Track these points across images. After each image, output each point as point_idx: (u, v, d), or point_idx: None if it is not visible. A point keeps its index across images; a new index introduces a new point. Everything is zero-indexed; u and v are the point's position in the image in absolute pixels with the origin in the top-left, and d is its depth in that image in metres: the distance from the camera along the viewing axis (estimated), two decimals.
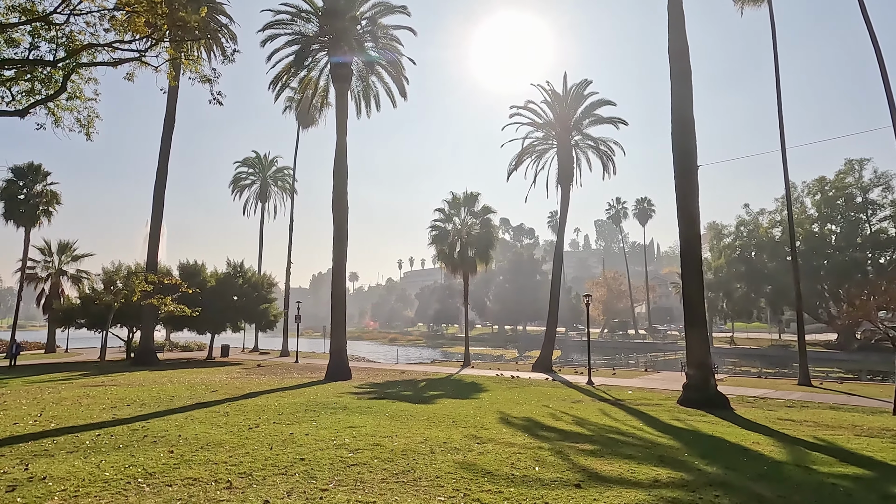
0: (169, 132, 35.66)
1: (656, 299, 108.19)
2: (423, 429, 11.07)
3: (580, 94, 37.14)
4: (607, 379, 28.40)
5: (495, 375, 28.85)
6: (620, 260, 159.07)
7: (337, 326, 25.40)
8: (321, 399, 16.02)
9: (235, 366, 33.82)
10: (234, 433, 10.01)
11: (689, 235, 18.81)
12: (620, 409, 16.91)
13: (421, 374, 30.21)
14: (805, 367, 26.90)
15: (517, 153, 38.58)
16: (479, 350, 72.40)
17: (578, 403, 18.03)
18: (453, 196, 40.69)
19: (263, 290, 40.75)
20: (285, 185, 55.42)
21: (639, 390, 23.30)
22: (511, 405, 16.83)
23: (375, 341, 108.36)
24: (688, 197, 18.91)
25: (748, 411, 17.02)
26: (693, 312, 18.52)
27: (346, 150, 26.28)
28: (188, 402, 14.81)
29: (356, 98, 28.62)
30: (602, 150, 37.37)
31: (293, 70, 25.89)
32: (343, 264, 25.75)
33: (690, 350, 18.29)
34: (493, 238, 40.36)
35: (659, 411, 16.38)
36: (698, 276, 18.70)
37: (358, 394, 18.69)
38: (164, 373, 26.92)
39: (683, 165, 19.10)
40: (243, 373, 28.31)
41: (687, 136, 19.10)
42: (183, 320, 37.92)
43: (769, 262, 64.23)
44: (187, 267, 39.81)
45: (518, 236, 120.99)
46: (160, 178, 35.16)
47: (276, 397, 16.49)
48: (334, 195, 25.83)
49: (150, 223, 35.09)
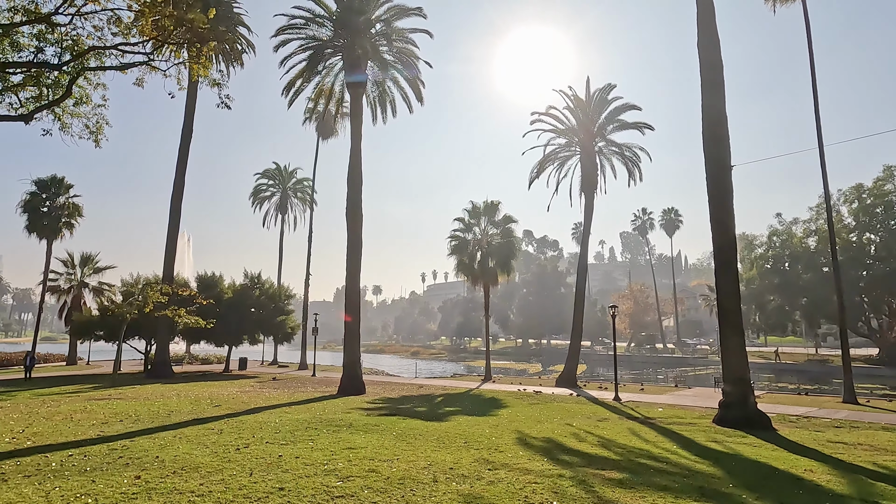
0: (186, 144, 35.53)
1: (685, 312, 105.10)
2: (431, 451, 9.98)
3: (604, 98, 35.91)
4: (635, 395, 26.86)
5: (517, 391, 27.55)
6: (646, 273, 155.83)
7: (351, 339, 24.47)
8: (327, 415, 15.03)
9: (251, 379, 33.14)
10: (219, 455, 9.07)
11: (724, 241, 17.43)
12: (651, 428, 15.54)
13: (439, 388, 29.07)
14: (850, 384, 25.03)
15: (539, 160, 37.45)
16: (501, 364, 70.82)
17: (604, 422, 16.71)
18: (473, 205, 39.69)
19: (281, 301, 40.14)
20: (305, 197, 55.18)
21: (669, 407, 21.79)
22: (531, 423, 15.60)
23: (397, 355, 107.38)
24: (721, 199, 17.57)
25: (793, 432, 15.50)
26: (729, 323, 17.08)
27: (360, 157, 25.53)
28: (185, 418, 13.97)
29: (371, 104, 27.92)
30: (627, 156, 35.99)
31: (306, 75, 25.31)
32: (357, 274, 24.88)
33: (727, 364, 16.84)
34: (515, 248, 39.17)
35: (694, 431, 14.98)
36: (734, 283, 17.29)
37: (368, 409, 17.66)
38: (176, 386, 26.29)
39: (716, 166, 17.80)
40: (256, 386, 27.55)
41: (720, 143, 17.83)
42: (200, 332, 37.48)
43: (804, 274, 61.49)
44: (205, 278, 39.49)
45: (542, 248, 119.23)
46: (177, 189, 34.97)
47: (280, 413, 15.56)
48: (348, 203, 25.04)
49: (167, 234, 34.86)
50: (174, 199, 34.88)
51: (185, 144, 35.46)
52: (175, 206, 34.77)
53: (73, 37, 16.44)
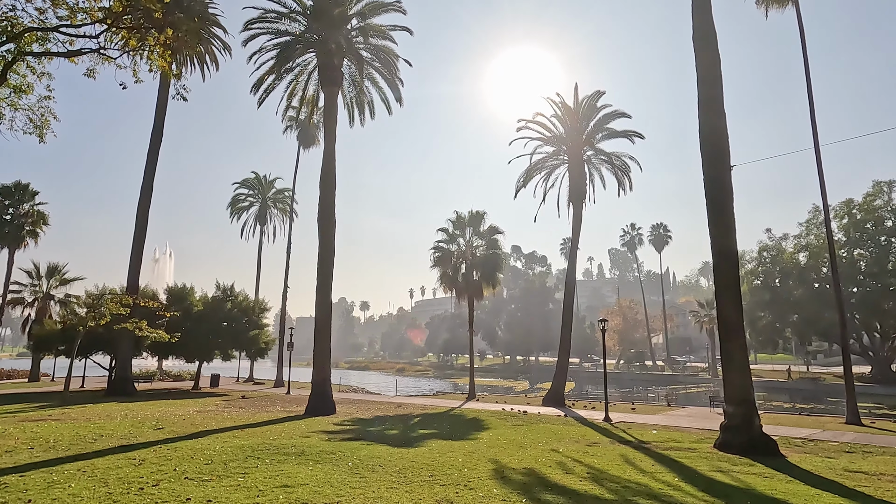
0: (156, 147, 33.73)
1: (673, 329, 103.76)
2: (385, 489, 8.23)
3: (593, 105, 34.71)
4: (626, 415, 25.19)
5: (501, 410, 25.77)
6: (635, 289, 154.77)
7: (320, 354, 22.59)
8: (280, 440, 13.20)
9: (219, 397, 31.05)
10: (112, 497, 7.28)
11: (725, 247, 15.95)
12: (646, 454, 13.87)
13: (419, 407, 27.20)
14: (854, 405, 23.57)
15: (526, 169, 36.05)
16: (487, 381, 68.82)
17: (595, 447, 15.00)
18: (458, 215, 38.16)
19: (254, 315, 38.08)
20: (285, 208, 53.33)
21: (664, 429, 20.12)
22: (512, 449, 13.86)
23: (383, 371, 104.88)
24: (721, 202, 16.14)
25: (803, 458, 13.89)
26: (731, 339, 15.52)
27: (334, 159, 23.90)
28: (111, 444, 12.08)
29: (348, 105, 26.38)
30: (616, 165, 34.70)
31: (277, 71, 23.69)
32: (329, 284, 23.11)
33: (729, 384, 15.24)
34: (501, 260, 37.61)
35: (694, 459, 13.32)
36: (735, 295, 15.78)
37: (332, 433, 15.82)
38: (132, 405, 24.22)
39: (714, 165, 16.40)
40: (220, 405, 25.53)
41: (717, 138, 16.46)
42: (168, 347, 35.39)
43: (795, 290, 60.48)
44: (175, 290, 37.41)
45: (530, 264, 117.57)
46: (145, 195, 33.08)
47: (227, 438, 13.69)
48: (321, 207, 23.34)
49: (133, 242, 32.90)
50: (141, 205, 32.97)
51: (155, 147, 33.66)
52: (142, 212, 32.86)
53: (10, 18, 14.79)
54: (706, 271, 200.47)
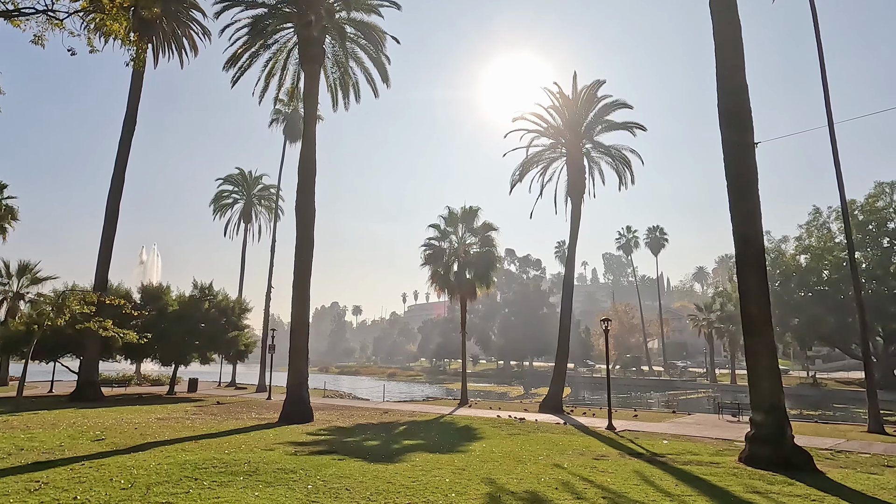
0: (128, 136, 31.67)
1: (669, 334, 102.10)
2: None
3: (592, 96, 32.88)
4: (629, 422, 23.27)
5: (495, 417, 23.80)
6: (629, 294, 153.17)
7: (296, 356, 20.51)
8: (234, 455, 11.18)
9: (193, 402, 28.90)
10: None
11: (748, 234, 14.09)
12: (664, 470, 11.94)
13: (406, 414, 25.17)
14: (877, 412, 21.86)
15: (521, 162, 34.17)
16: (481, 387, 66.75)
17: (603, 461, 13.06)
18: (450, 211, 36.16)
19: (234, 315, 35.93)
20: (271, 205, 51.19)
21: (674, 438, 18.22)
22: (509, 465, 11.90)
23: (374, 376, 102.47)
24: (743, 184, 14.30)
25: (845, 475, 12.01)
26: (756, 336, 13.65)
27: (314, 144, 21.94)
28: (24, 461, 10.07)
29: (332, 86, 24.44)
30: (617, 157, 32.89)
31: (250, 46, 21.72)
32: (307, 278, 21.07)
33: (757, 388, 13.33)
34: (495, 258, 35.61)
35: (722, 476, 11.41)
36: (761, 286, 13.91)
37: (301, 444, 13.79)
38: (88, 412, 22.06)
39: (736, 142, 14.57)
40: (189, 412, 23.40)
41: (739, 111, 14.65)
42: (142, 350, 33.25)
43: (796, 293, 58.92)
44: (149, 289, 35.28)
45: (524, 267, 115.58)
46: (115, 187, 31.02)
47: (172, 452, 11.65)
48: (299, 196, 21.36)
49: (101, 236, 30.77)
50: (111, 197, 30.89)
51: (127, 137, 31.60)
52: (112, 204, 30.77)
53: None
54: (700, 276, 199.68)
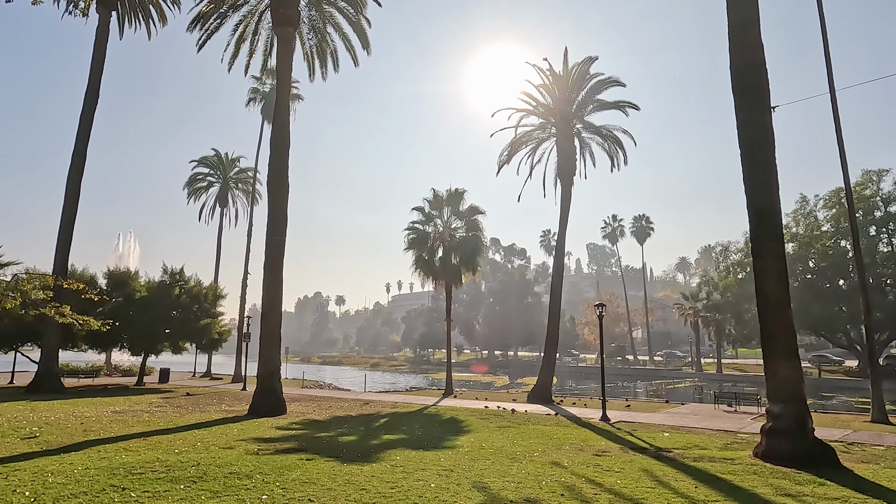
0: (91, 110, 29.54)
1: (653, 324, 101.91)
2: None
3: (584, 72, 31.40)
4: (623, 413, 22.09)
5: (483, 408, 22.46)
6: (613, 284, 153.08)
7: (267, 342, 18.85)
8: (184, 456, 9.61)
9: (160, 394, 27.13)
10: None
11: (764, 205, 12.77)
12: (677, 469, 10.63)
13: (388, 405, 23.73)
14: (881, 401, 20.83)
15: (509, 142, 32.65)
16: (466, 376, 65.54)
17: (606, 458, 11.73)
18: (435, 194, 34.58)
19: (207, 302, 34.05)
20: (248, 188, 49.05)
21: (674, 430, 17.01)
22: (503, 464, 10.50)
23: (357, 367, 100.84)
24: (758, 151, 12.96)
25: (871, 471, 10.81)
26: (774, 317, 12.39)
27: (288, 114, 20.27)
28: None
29: (308, 54, 22.67)
30: (608, 137, 31.51)
31: (219, 6, 19.83)
32: (280, 259, 19.40)
33: (773, 375, 12.06)
34: (481, 243, 34.16)
35: (740, 474, 10.12)
36: (778, 261, 12.63)
37: (268, 441, 12.25)
38: (39, 405, 20.28)
39: (750, 105, 13.22)
40: (154, 404, 21.70)
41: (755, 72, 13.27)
42: (107, 338, 31.30)
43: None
44: (116, 274, 33.20)
45: (509, 257, 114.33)
46: (76, 163, 28.90)
47: (111, 451, 10.05)
48: (271, 169, 19.62)
49: (62, 216, 28.70)
50: (72, 174, 28.78)
51: (89, 110, 29.46)
52: (73, 182, 28.69)
53: None
54: (683, 266, 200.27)
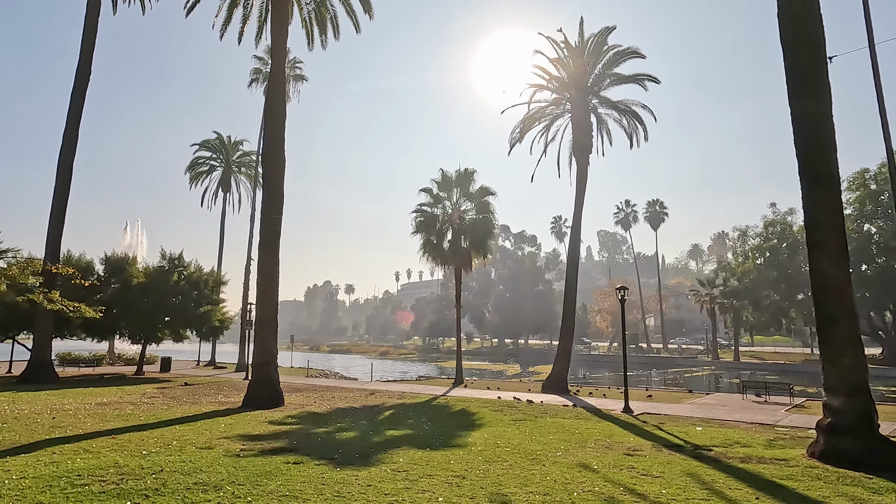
0: (82, 86, 28.21)
1: (667, 311, 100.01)
2: None
3: (601, 43, 29.56)
4: (645, 404, 20.63)
5: (495, 399, 21.04)
6: (625, 271, 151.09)
7: (263, 329, 17.51)
8: (153, 459, 8.26)
9: (157, 384, 25.98)
10: None
11: (821, 173, 11.13)
12: (723, 472, 9.14)
13: (395, 395, 22.42)
14: None
15: (521, 118, 30.94)
16: (476, 365, 64.27)
17: (638, 457, 10.26)
18: (443, 174, 33.02)
19: (207, 289, 32.83)
20: (251, 172, 47.68)
21: (705, 423, 15.52)
22: (522, 466, 9.06)
23: (366, 355, 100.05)
24: (815, 118, 11.30)
25: None
26: (833, 303, 10.76)
27: (284, 83, 18.76)
28: None
29: (306, 20, 21.10)
30: (627, 112, 29.71)
31: None
32: (276, 239, 17.99)
33: (833, 364, 10.48)
34: (492, 226, 32.58)
35: (804, 480, 8.61)
36: (838, 239, 10.99)
37: (255, 439, 10.89)
38: (24, 395, 19.16)
39: (804, 54, 11.54)
40: (147, 395, 20.51)
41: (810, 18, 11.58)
42: (104, 326, 30.32)
43: (804, 267, 56.30)
44: (113, 260, 32.02)
45: (519, 244, 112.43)
46: (68, 143, 27.64)
47: (64, 455, 8.73)
48: (266, 143, 18.18)
49: (53, 199, 27.49)
50: (64, 153, 27.52)
51: (81, 87, 28.13)
52: (65, 162, 27.42)
53: None
54: (695, 254, 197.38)
